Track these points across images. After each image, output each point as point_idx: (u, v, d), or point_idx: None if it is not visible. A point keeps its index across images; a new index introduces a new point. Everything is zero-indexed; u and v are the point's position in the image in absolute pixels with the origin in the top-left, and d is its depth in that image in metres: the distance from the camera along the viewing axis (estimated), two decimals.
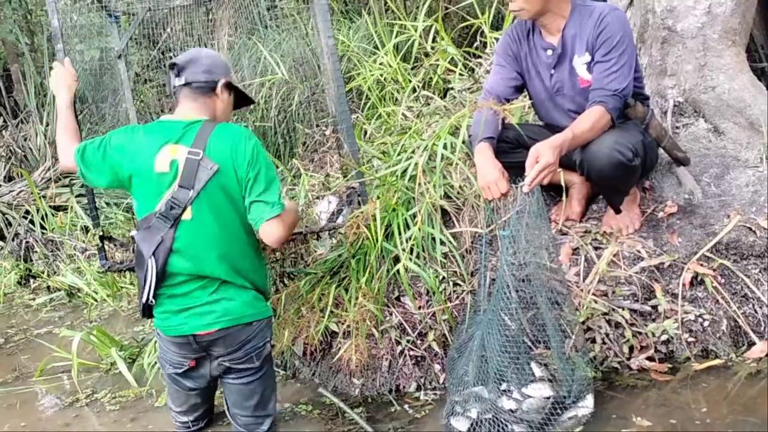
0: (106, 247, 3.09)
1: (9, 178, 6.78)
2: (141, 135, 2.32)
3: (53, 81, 2.64)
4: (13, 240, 5.86)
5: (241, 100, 2.53)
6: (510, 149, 2.70)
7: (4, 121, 7.41)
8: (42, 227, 5.60)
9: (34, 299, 4.87)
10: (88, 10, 8.06)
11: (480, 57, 3.63)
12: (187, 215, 2.24)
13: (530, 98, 2.79)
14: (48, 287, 4.92)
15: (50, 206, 5.72)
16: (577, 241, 2.77)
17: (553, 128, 2.72)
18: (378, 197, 2.92)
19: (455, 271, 2.82)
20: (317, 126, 6.52)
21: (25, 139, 7.25)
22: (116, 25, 4.99)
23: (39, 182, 6.14)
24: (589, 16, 2.59)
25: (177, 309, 2.32)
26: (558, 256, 2.75)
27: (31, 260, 5.42)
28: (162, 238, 2.23)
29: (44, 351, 3.63)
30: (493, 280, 2.69)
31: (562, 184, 2.76)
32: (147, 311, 2.36)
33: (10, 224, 6.20)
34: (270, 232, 2.27)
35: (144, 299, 2.30)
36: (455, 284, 2.80)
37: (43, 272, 5.15)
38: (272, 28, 8.79)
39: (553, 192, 3.00)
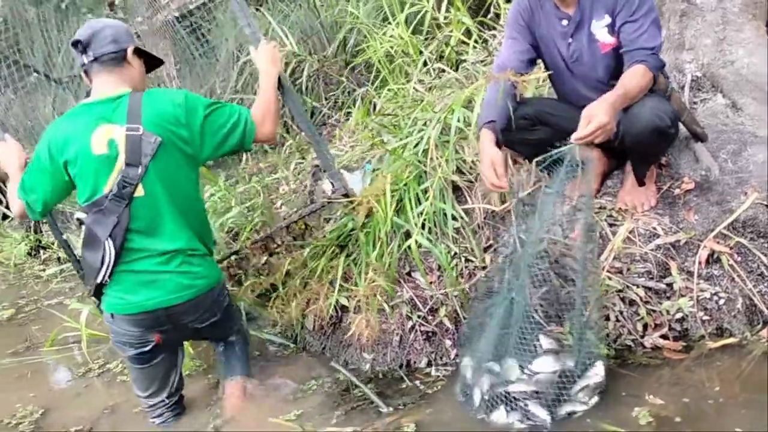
0: None
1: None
2: (67, 123, 2.28)
3: (2, 162, 2.52)
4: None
5: (151, 63, 2.47)
6: (529, 126, 2.64)
7: (15, 92, 7.38)
8: None
9: (44, 270, 4.89)
10: None
11: (494, 29, 3.56)
12: (139, 192, 2.23)
13: (546, 70, 2.73)
14: (58, 258, 4.94)
15: None
16: (593, 218, 2.73)
17: (571, 100, 2.67)
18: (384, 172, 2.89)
19: (467, 247, 2.79)
20: (326, 99, 6.46)
21: (33, 111, 7.23)
22: None
23: None
24: None
25: (139, 283, 2.27)
26: (572, 232, 2.72)
27: (41, 231, 5.44)
28: (118, 219, 2.21)
29: (55, 321, 3.64)
30: (506, 257, 2.66)
31: (578, 159, 2.72)
32: (98, 292, 2.33)
33: None
34: (264, 137, 2.43)
35: (99, 279, 2.26)
36: (467, 260, 2.77)
37: (52, 243, 5.16)
38: (281, 0, 8.70)
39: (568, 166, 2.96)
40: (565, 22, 2.59)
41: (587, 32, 2.56)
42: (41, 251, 5.23)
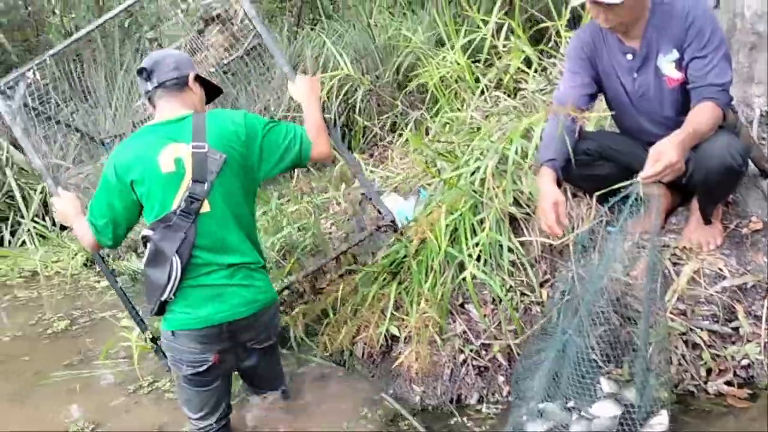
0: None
1: (82, 161, 6.96)
2: (133, 144, 2.34)
3: (62, 215, 2.64)
4: None
5: (211, 92, 2.56)
6: (591, 161, 2.58)
7: (75, 105, 7.60)
8: None
9: (99, 282, 4.98)
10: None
11: (554, 57, 3.51)
12: (205, 207, 2.27)
13: (608, 105, 2.67)
14: (112, 270, 5.02)
15: None
16: (655, 257, 2.65)
17: (635, 135, 2.60)
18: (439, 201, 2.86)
19: (523, 281, 2.73)
20: (378, 120, 6.48)
21: (95, 123, 7.44)
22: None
23: None
24: (671, 13, 2.46)
25: (207, 297, 2.30)
26: (634, 270, 2.64)
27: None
28: (185, 234, 2.24)
29: (107, 334, 3.69)
30: (563, 292, 2.60)
31: (641, 195, 2.64)
32: (161, 309, 2.34)
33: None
34: (319, 155, 2.47)
35: (165, 296, 2.27)
36: (523, 294, 2.71)
37: (108, 255, 5.26)
38: (334, 19, 8.80)
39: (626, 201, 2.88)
40: (630, 57, 2.53)
41: (653, 67, 2.50)
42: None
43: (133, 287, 4.74)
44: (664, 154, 2.12)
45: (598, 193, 2.76)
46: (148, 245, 2.29)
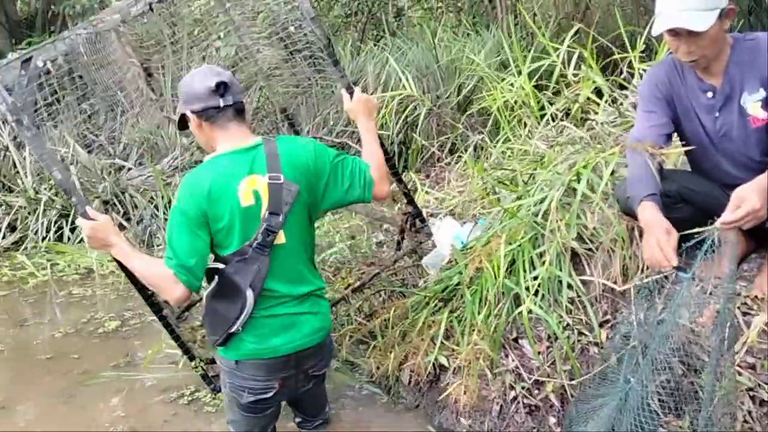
0: None
1: (141, 164, 7.13)
2: (208, 175, 2.15)
3: (98, 241, 2.22)
4: (138, 224, 6.15)
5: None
6: (671, 204, 2.45)
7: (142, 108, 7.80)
8: (165, 214, 5.80)
9: None
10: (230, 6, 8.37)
11: (625, 88, 3.39)
12: (280, 239, 2.18)
13: (685, 145, 2.54)
14: (160, 311, 5.08)
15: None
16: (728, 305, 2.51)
17: (714, 177, 2.48)
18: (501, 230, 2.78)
19: (581, 319, 2.62)
20: (437, 140, 6.43)
21: (158, 127, 7.61)
22: None
23: (166, 169, 6.39)
24: (757, 49, 2.33)
25: (280, 327, 2.22)
26: (701, 317, 2.50)
27: (153, 245, 5.65)
28: (259, 267, 2.15)
29: (156, 338, 3.72)
30: (625, 336, 2.48)
31: (716, 240, 2.51)
32: (226, 340, 2.24)
33: (137, 207, 6.51)
34: (380, 195, 2.36)
35: (234, 329, 2.18)
36: (580, 333, 2.61)
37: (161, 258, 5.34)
38: (398, 36, 8.82)
39: (699, 245, 2.74)
40: (710, 95, 2.41)
41: (737, 106, 2.37)
42: None
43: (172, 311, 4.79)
44: (747, 200, 2.00)
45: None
46: (217, 278, 2.16)
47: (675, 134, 2.55)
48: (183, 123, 2.24)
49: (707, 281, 2.56)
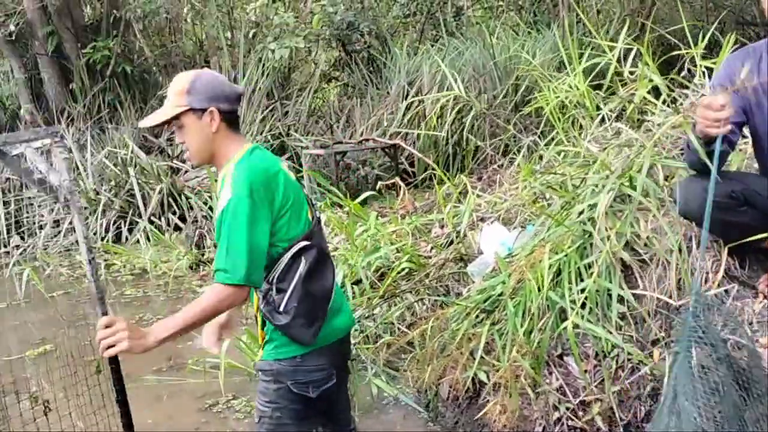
0: None
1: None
2: (261, 163, 2.02)
3: (140, 346, 1.86)
4: (193, 224, 6.22)
5: None
6: (735, 206, 2.25)
7: None
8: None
9: (200, 286, 5.06)
10: (285, 9, 8.42)
11: (686, 88, 3.16)
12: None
13: (754, 143, 2.33)
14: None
15: None
16: None
17: None
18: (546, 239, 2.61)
19: (632, 336, 2.43)
20: (490, 141, 6.25)
21: None
22: None
23: None
24: None
25: (336, 307, 2.10)
26: (763, 336, 2.29)
27: (205, 246, 5.69)
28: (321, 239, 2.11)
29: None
30: (678, 353, 2.28)
31: None
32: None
33: (191, 208, 6.58)
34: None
35: (331, 302, 2.05)
36: (631, 352, 2.41)
37: (211, 260, 5.36)
38: (456, 36, 8.65)
39: (762, 255, 2.51)
40: None
41: None
42: (201, 266, 5.45)
43: None
44: None
45: (732, 245, 2.44)
46: (305, 256, 1.99)
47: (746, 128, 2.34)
48: (173, 118, 2.03)
49: None
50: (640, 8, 8.24)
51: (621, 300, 2.47)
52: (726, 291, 2.41)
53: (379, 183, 6.08)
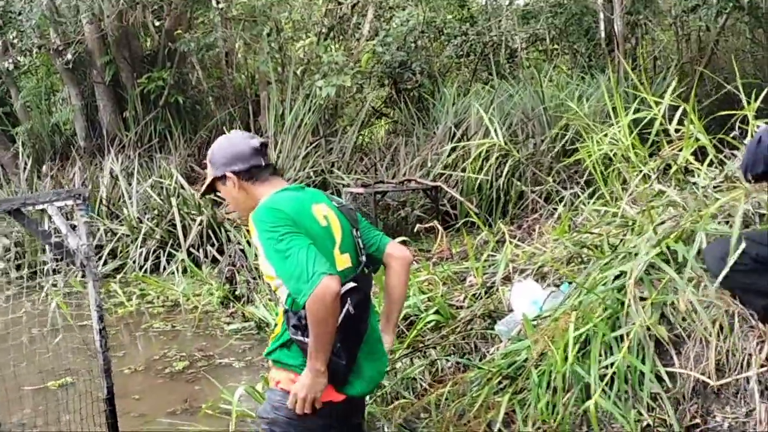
0: None
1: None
2: (289, 207, 2.01)
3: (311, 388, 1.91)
4: (230, 257, 6.18)
5: None
6: (760, 270, 2.06)
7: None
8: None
9: (228, 323, 5.00)
10: (336, 48, 8.48)
11: (736, 148, 2.95)
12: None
13: None
14: (243, 314, 5.03)
15: None
16: None
17: None
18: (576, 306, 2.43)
19: (665, 420, 2.22)
20: (534, 188, 6.07)
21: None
22: None
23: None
24: None
25: (365, 356, 2.00)
26: None
27: (236, 282, 5.63)
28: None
29: (221, 382, 3.59)
30: None
31: None
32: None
33: (230, 241, 6.56)
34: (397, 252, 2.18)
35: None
36: None
37: (243, 297, 5.30)
38: (506, 79, 8.53)
39: None
40: None
41: None
42: (232, 303, 5.38)
43: (257, 334, 4.70)
44: None
45: None
46: (350, 299, 1.93)
47: None
48: (209, 188, 2.16)
49: None
50: (698, 56, 7.99)
51: (660, 379, 2.27)
52: None
53: (417, 226, 5.96)
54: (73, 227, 2.06)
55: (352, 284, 1.96)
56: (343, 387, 1.97)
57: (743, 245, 2.08)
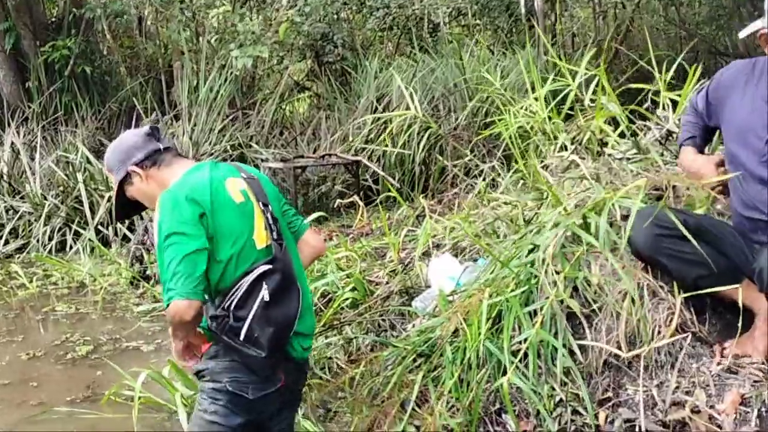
0: None
1: None
2: (193, 180, 1.98)
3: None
4: (140, 236, 5.89)
5: None
6: (681, 236, 2.07)
7: (156, 116, 7.60)
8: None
9: (138, 305, 4.76)
10: (251, 17, 8.16)
11: (647, 119, 2.96)
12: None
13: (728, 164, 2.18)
14: (154, 296, 4.80)
15: None
16: (751, 389, 2.06)
17: (750, 216, 2.08)
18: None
19: (577, 395, 2.20)
20: (455, 162, 6.03)
21: (174, 136, 7.38)
22: None
23: None
24: None
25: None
26: (721, 402, 2.07)
27: (147, 262, 5.37)
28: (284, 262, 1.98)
29: (125, 368, 3.38)
30: (628, 421, 2.06)
31: (740, 304, 2.08)
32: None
33: (142, 218, 6.26)
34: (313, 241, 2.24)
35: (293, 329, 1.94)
36: (575, 412, 2.18)
37: (153, 277, 5.06)
38: (429, 53, 8.47)
39: (728, 314, 2.28)
40: None
41: None
42: (140, 283, 5.13)
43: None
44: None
45: (686, 294, 2.23)
46: (266, 283, 1.89)
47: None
48: (122, 205, 2.12)
49: (730, 359, 2.13)
50: (614, 34, 8.13)
51: (572, 352, 2.24)
52: (681, 348, 2.19)
53: (338, 201, 5.84)
54: None
55: (264, 267, 1.90)
56: (267, 383, 1.94)
57: (671, 214, 2.08)
